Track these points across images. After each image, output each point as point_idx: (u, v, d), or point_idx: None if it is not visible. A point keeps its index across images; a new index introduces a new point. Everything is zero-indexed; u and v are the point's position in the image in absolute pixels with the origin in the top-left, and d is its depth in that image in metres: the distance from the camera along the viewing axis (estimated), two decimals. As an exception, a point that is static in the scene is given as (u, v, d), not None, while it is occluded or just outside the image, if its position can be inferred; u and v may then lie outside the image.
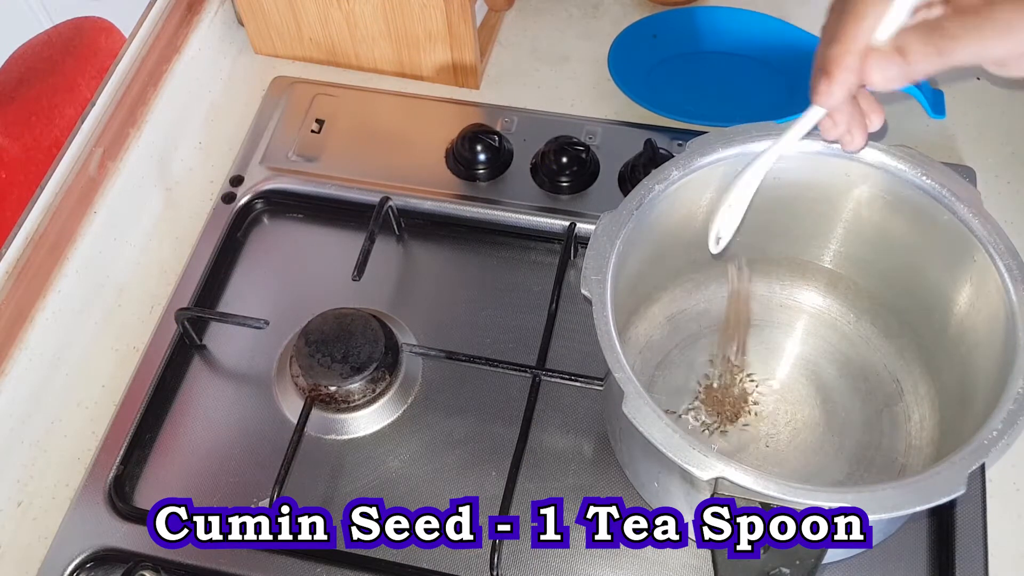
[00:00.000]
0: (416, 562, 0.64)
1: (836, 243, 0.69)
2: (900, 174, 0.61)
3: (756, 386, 0.69)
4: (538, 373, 0.69)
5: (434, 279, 0.77)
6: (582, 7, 0.93)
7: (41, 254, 0.71)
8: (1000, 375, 0.54)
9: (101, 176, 0.77)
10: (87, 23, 0.75)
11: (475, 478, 0.67)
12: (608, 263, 0.58)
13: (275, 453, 0.67)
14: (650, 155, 0.76)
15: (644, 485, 0.64)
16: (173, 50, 0.84)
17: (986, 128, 0.83)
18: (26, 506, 0.68)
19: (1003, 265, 0.57)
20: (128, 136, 0.79)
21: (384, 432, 0.69)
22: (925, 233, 0.62)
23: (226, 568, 0.64)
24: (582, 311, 0.65)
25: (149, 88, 0.82)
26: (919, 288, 0.65)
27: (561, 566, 0.64)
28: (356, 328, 0.69)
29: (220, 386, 0.72)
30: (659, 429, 0.52)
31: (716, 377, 0.69)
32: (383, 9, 0.82)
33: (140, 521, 0.65)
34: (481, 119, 0.82)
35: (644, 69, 0.87)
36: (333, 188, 0.80)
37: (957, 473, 0.50)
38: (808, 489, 0.50)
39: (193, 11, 0.86)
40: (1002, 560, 0.63)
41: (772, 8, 0.89)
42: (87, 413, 0.72)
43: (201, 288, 0.75)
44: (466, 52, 0.84)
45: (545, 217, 0.77)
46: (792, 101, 0.83)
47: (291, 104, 0.85)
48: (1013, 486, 0.66)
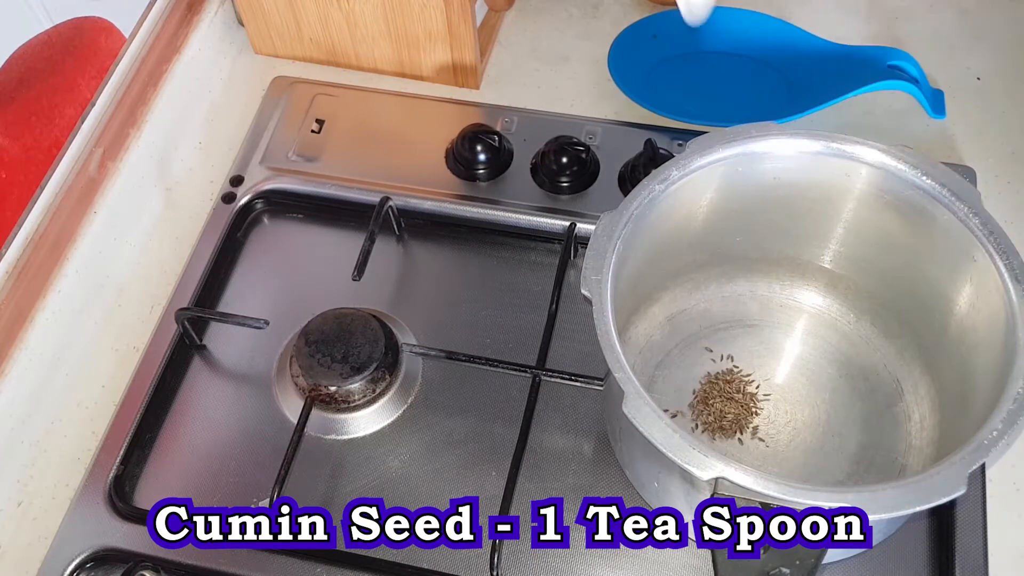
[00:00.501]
0: (416, 562, 0.64)
1: (836, 243, 0.69)
2: (900, 174, 0.61)
3: (757, 386, 0.69)
4: (538, 373, 0.69)
5: (434, 279, 0.77)
6: (582, 7, 0.93)
7: (41, 254, 0.71)
8: (1000, 375, 0.54)
9: (101, 176, 0.77)
10: (87, 23, 0.75)
11: (475, 478, 0.67)
12: (608, 263, 0.58)
13: (275, 453, 0.67)
14: (650, 155, 0.76)
15: (644, 485, 0.64)
16: (173, 50, 0.84)
17: (986, 128, 0.83)
18: (26, 506, 0.68)
19: (1003, 265, 0.57)
20: (128, 136, 0.79)
21: (384, 432, 0.69)
22: (925, 233, 0.62)
23: (226, 568, 0.64)
24: (582, 311, 0.65)
25: (149, 88, 0.82)
26: (919, 288, 0.65)
27: (561, 566, 0.64)
28: (356, 328, 0.69)
29: (220, 386, 0.72)
30: (659, 429, 0.52)
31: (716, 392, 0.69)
32: (383, 9, 0.82)
33: (140, 521, 0.65)
34: (481, 119, 0.82)
35: (644, 69, 0.87)
36: (333, 188, 0.80)
37: (957, 473, 0.50)
38: (808, 489, 0.50)
39: (193, 11, 0.86)
40: (1002, 560, 0.63)
41: (772, 8, 0.89)
42: (87, 413, 0.72)
43: (201, 288, 0.75)
44: (466, 52, 0.84)
45: (545, 217, 0.77)
46: (792, 101, 0.83)
47: (291, 104, 0.85)
48: (1013, 486, 0.66)
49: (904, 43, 0.88)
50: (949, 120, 0.83)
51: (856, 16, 0.91)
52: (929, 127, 0.83)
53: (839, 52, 0.85)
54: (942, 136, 0.83)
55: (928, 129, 0.83)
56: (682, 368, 0.70)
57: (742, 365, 0.70)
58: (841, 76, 0.82)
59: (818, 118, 0.80)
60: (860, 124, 0.83)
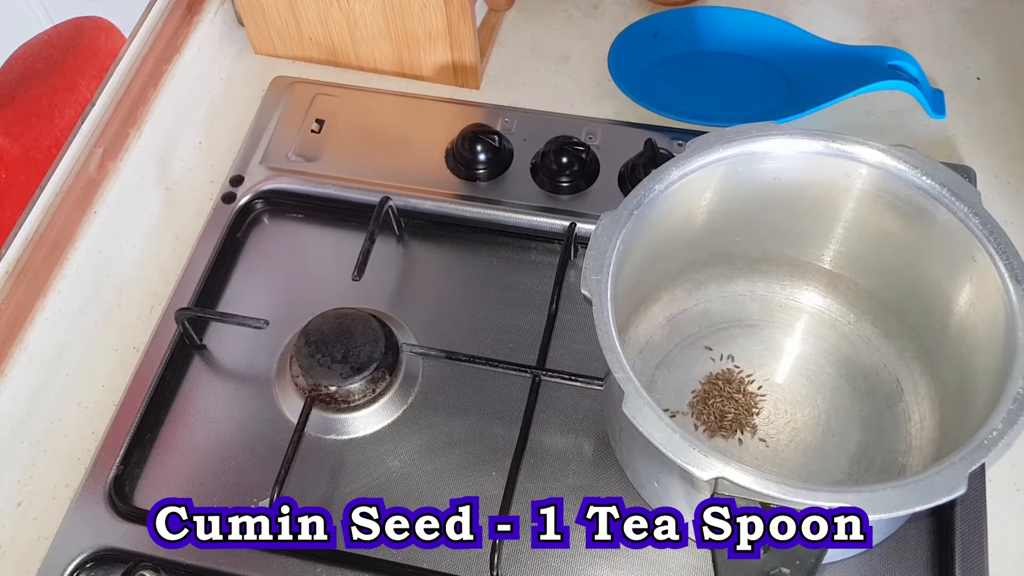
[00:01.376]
0: (416, 562, 0.64)
1: (836, 243, 0.69)
2: (900, 174, 0.61)
3: (758, 386, 0.69)
4: (538, 373, 0.69)
5: (434, 279, 0.77)
6: (582, 7, 0.93)
7: (41, 254, 0.71)
8: (1000, 375, 0.54)
9: (101, 176, 0.77)
10: (87, 23, 0.75)
11: (475, 478, 0.67)
12: (608, 263, 0.58)
13: (275, 453, 0.67)
14: (650, 155, 0.76)
15: (644, 485, 0.64)
16: (173, 50, 0.84)
17: (986, 128, 0.83)
18: (26, 506, 0.68)
19: (1003, 265, 0.57)
20: (128, 136, 0.79)
21: (384, 432, 0.69)
22: (925, 233, 0.62)
23: (226, 568, 0.64)
24: (582, 311, 0.65)
25: (149, 88, 0.82)
26: (919, 288, 0.65)
27: (561, 566, 0.64)
28: (356, 328, 0.69)
29: (220, 386, 0.72)
30: (659, 429, 0.52)
31: (716, 392, 0.69)
32: (383, 9, 0.82)
33: (140, 521, 0.65)
34: (481, 119, 0.82)
35: (644, 69, 0.87)
36: (333, 188, 0.80)
37: (957, 473, 0.50)
38: (808, 489, 0.50)
39: (193, 11, 0.86)
40: (1002, 560, 0.63)
41: (772, 8, 0.89)
42: (87, 413, 0.72)
43: (201, 288, 0.75)
44: (466, 52, 0.84)
45: (545, 217, 0.77)
46: (792, 101, 0.83)
47: (291, 104, 0.85)
48: (1013, 486, 0.66)
49: (904, 43, 0.88)
50: (949, 120, 0.83)
51: (856, 16, 0.91)
52: (929, 127, 0.83)
53: (839, 52, 0.85)
54: (942, 136, 0.83)
55: (928, 129, 0.83)
56: (682, 368, 0.70)
57: (742, 365, 0.70)
58: (841, 76, 0.82)
59: (818, 118, 0.80)
60: (860, 124, 0.83)
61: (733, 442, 0.67)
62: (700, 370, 0.70)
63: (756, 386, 0.69)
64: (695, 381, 0.69)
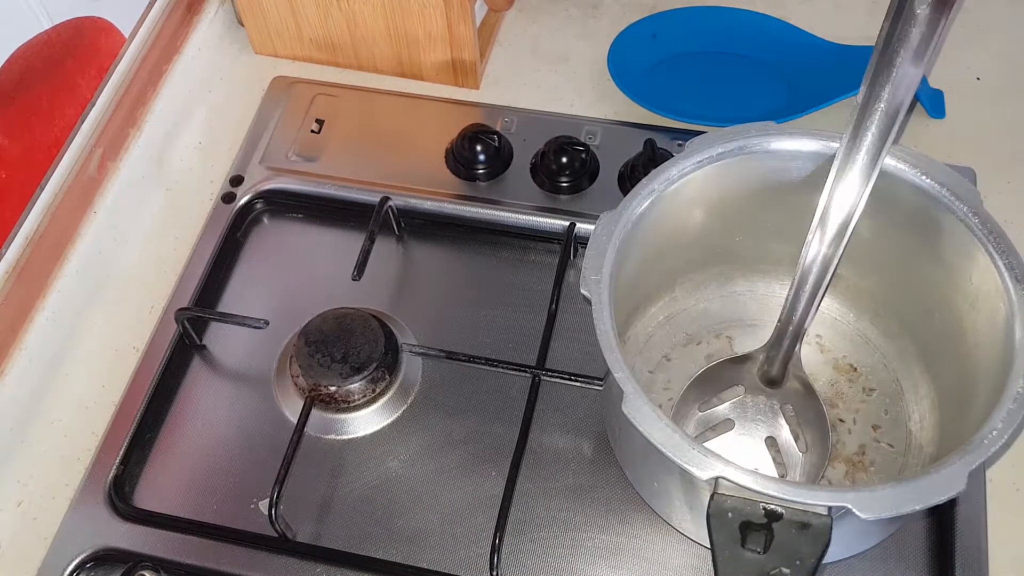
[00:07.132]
0: (416, 562, 0.64)
1: (836, 243, 0.69)
2: (900, 174, 0.61)
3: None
4: (538, 373, 0.69)
5: (434, 279, 0.77)
6: (582, 7, 0.93)
7: (41, 254, 0.71)
8: (1000, 375, 0.54)
9: (101, 176, 0.77)
10: (87, 23, 0.75)
11: (475, 478, 0.67)
12: (607, 263, 0.58)
13: (275, 453, 0.67)
14: (650, 155, 0.76)
15: (644, 485, 0.64)
16: (173, 50, 0.84)
17: (986, 128, 0.83)
18: (26, 506, 0.68)
19: (1003, 265, 0.57)
20: (128, 136, 0.79)
21: (384, 432, 0.69)
22: (925, 233, 0.62)
23: (226, 568, 0.64)
24: (582, 311, 0.65)
25: (149, 88, 0.82)
26: (919, 288, 0.65)
27: (561, 566, 0.64)
28: (356, 328, 0.69)
29: (220, 386, 0.72)
30: (659, 429, 0.52)
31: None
32: (383, 9, 0.82)
33: (140, 521, 0.65)
34: (481, 119, 0.82)
35: (644, 69, 0.87)
36: (333, 188, 0.80)
37: (957, 473, 0.50)
38: (808, 489, 0.50)
39: (193, 11, 0.86)
40: (1002, 560, 0.63)
41: (772, 8, 0.89)
42: (87, 413, 0.72)
43: (201, 288, 0.75)
44: (466, 52, 0.84)
45: (545, 217, 0.77)
46: (792, 101, 0.83)
47: (291, 104, 0.85)
48: (1013, 486, 0.66)
49: (904, 43, 0.88)
50: (949, 120, 0.83)
51: (856, 16, 0.91)
52: (929, 127, 0.83)
53: (839, 52, 0.85)
54: (942, 136, 0.82)
55: (928, 129, 0.83)
56: (682, 368, 0.70)
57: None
58: (841, 76, 0.82)
59: (818, 118, 0.80)
60: (860, 124, 0.83)
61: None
62: (700, 370, 0.70)
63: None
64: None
